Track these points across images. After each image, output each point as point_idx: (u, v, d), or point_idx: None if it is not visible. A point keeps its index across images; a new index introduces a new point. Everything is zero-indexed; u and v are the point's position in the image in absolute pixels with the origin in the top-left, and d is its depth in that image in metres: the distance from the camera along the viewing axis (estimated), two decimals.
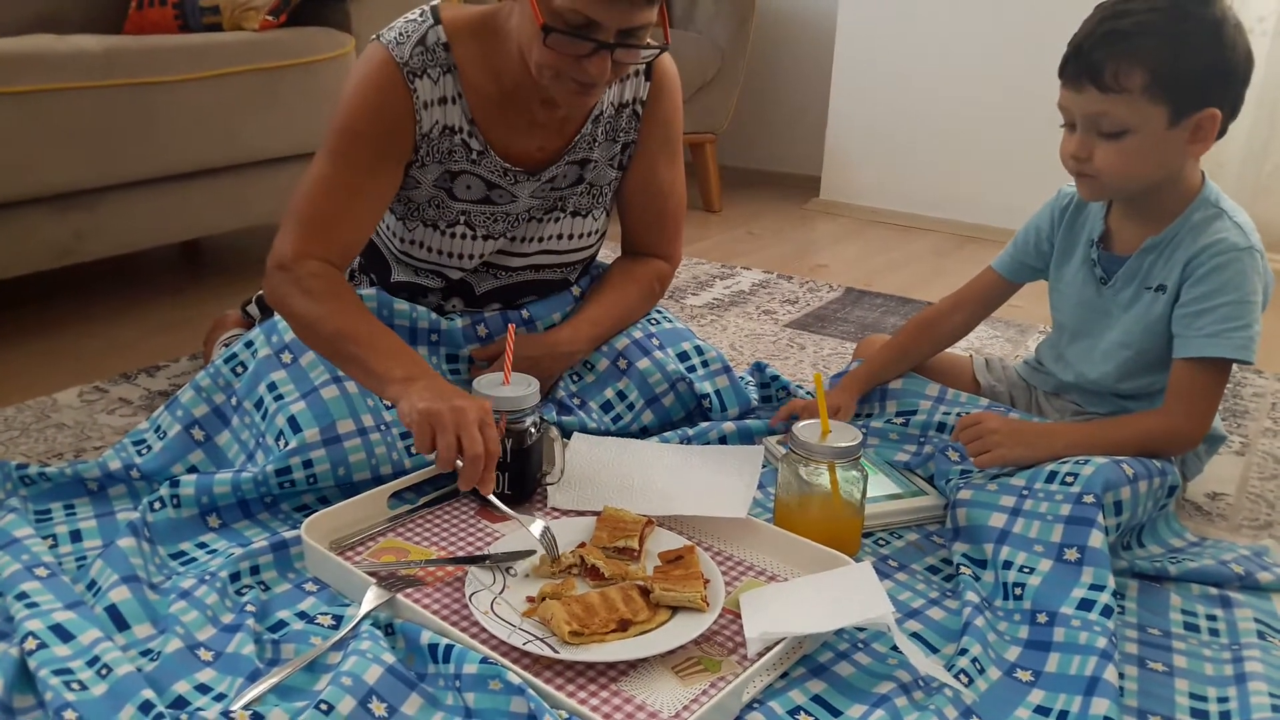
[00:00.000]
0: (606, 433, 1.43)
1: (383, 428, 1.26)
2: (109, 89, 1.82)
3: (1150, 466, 1.19)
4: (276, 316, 1.33)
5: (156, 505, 1.16)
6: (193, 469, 1.27)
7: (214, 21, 2.16)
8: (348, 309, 1.25)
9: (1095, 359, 1.36)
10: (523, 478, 1.24)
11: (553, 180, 1.41)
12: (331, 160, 1.29)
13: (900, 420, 1.45)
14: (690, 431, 1.42)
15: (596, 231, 1.49)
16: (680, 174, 1.52)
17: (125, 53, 1.86)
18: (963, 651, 1.00)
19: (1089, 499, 1.12)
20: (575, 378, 1.46)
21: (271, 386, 1.26)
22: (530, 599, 1.05)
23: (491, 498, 1.12)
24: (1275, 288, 1.29)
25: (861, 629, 1.05)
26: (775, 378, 1.58)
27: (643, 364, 1.45)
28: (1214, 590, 1.17)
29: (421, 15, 1.32)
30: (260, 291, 1.52)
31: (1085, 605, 1.04)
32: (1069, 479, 1.15)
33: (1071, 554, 1.10)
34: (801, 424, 1.20)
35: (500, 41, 1.30)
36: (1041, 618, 1.05)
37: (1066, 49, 1.20)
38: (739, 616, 1.03)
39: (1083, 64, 1.17)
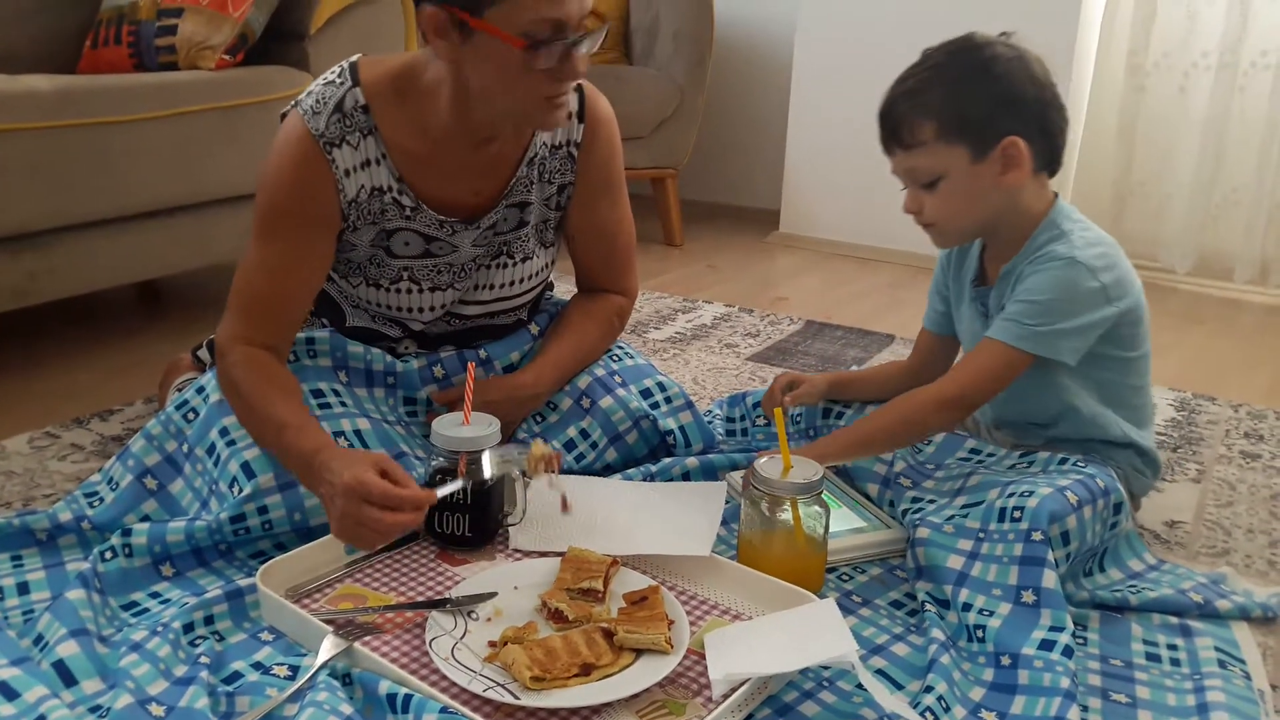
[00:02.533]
0: (569, 472, 1.42)
1: None
2: (62, 129, 1.80)
3: (1092, 487, 1.20)
4: None
5: (108, 555, 1.13)
6: (146, 518, 1.25)
7: (170, 60, 2.14)
8: (269, 395, 1.21)
9: (1006, 394, 1.37)
10: (484, 519, 1.23)
11: (494, 226, 1.39)
12: (259, 242, 1.28)
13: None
14: (653, 468, 1.42)
15: (545, 267, 1.49)
16: (625, 210, 1.51)
17: (79, 92, 1.84)
18: (928, 689, 0.99)
19: (1037, 536, 1.13)
20: (539, 418, 1.45)
21: (224, 432, 1.24)
22: (492, 644, 1.03)
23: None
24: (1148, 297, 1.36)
25: (826, 667, 1.04)
26: (756, 404, 1.58)
27: (605, 402, 1.44)
28: (1174, 620, 1.18)
29: (340, 76, 1.29)
30: (211, 336, 1.50)
31: (1046, 646, 1.05)
32: (1016, 514, 1.16)
33: (1028, 596, 1.10)
34: (763, 460, 1.20)
35: (422, 94, 1.28)
36: (1005, 660, 1.05)
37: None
38: (704, 657, 1.02)
39: (886, 131, 1.29)
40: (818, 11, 3.14)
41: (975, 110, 1.24)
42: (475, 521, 1.22)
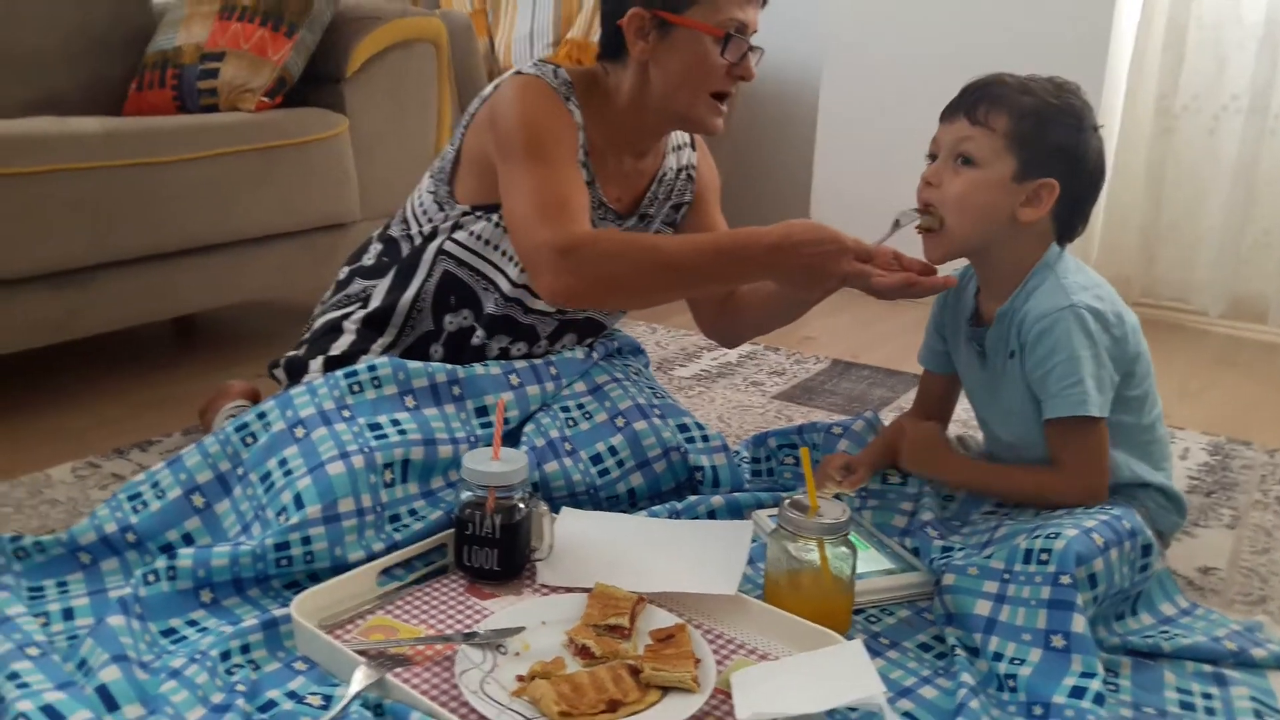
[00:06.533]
0: (592, 486, 1.44)
1: (378, 509, 1.27)
2: (109, 169, 1.85)
3: (1119, 530, 1.19)
4: (292, 390, 1.34)
5: (150, 578, 1.15)
6: (187, 536, 1.27)
7: (211, 103, 2.21)
8: (660, 239, 1.41)
9: (1000, 428, 1.42)
10: (512, 554, 1.24)
11: (627, 230, 1.56)
12: (533, 165, 1.38)
13: (897, 479, 1.47)
14: (679, 505, 1.42)
15: None
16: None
17: (125, 134, 1.90)
18: None
19: (1065, 579, 1.12)
20: (571, 423, 1.47)
21: (283, 462, 1.26)
22: (520, 678, 1.04)
23: None
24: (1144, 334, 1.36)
25: (853, 709, 1.04)
26: (780, 445, 1.59)
27: (640, 425, 1.47)
28: (1208, 667, 1.16)
29: (538, 64, 1.47)
30: (290, 353, 1.54)
31: (1077, 693, 1.04)
32: (1044, 556, 1.15)
33: (1058, 640, 1.10)
34: (789, 500, 1.20)
35: (604, 95, 1.48)
36: (1037, 709, 1.04)
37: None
38: (730, 697, 1.02)
39: (964, 100, 1.31)
40: (844, 53, 3.16)
41: (1047, 139, 1.27)
42: (504, 556, 1.24)
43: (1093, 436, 1.28)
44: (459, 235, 1.50)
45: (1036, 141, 1.27)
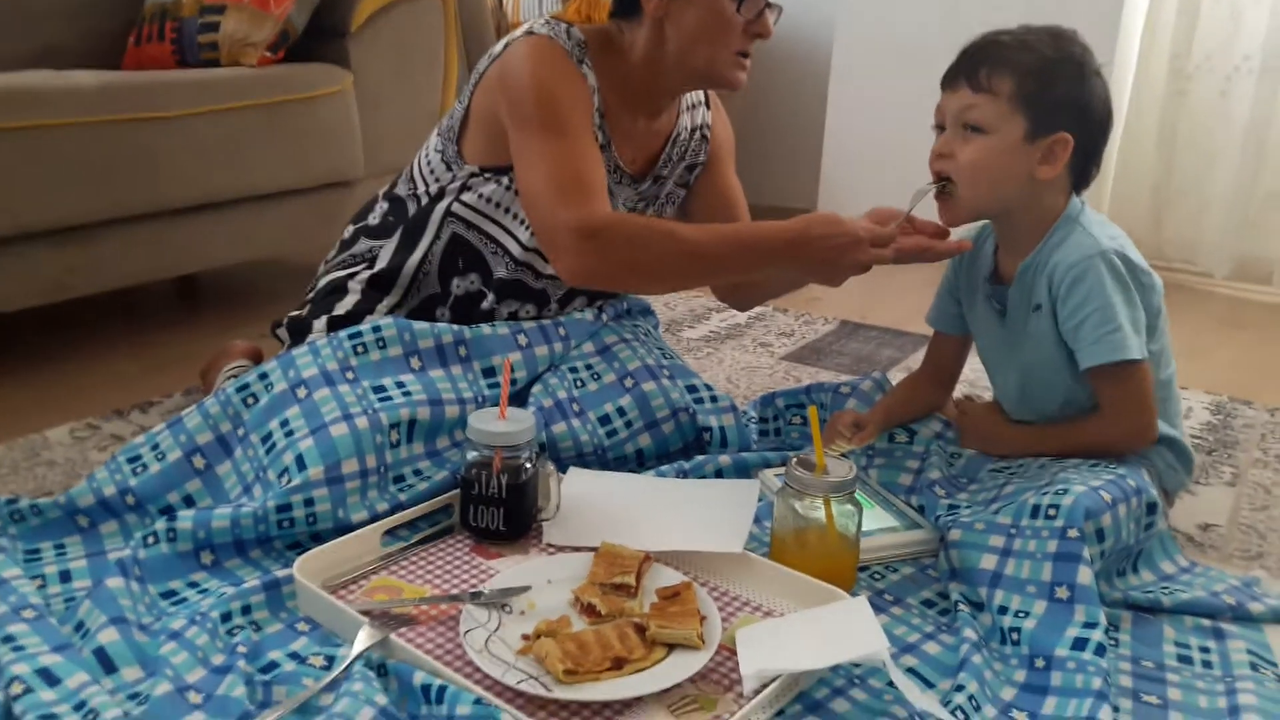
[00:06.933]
0: (600, 447, 1.43)
1: (382, 469, 1.26)
2: (106, 124, 1.83)
3: (1125, 488, 1.19)
4: (294, 350, 1.33)
5: (150, 540, 1.15)
6: (187, 498, 1.27)
7: (212, 57, 2.18)
8: (681, 226, 1.37)
9: (1012, 384, 1.41)
10: (518, 514, 1.24)
11: (641, 192, 1.55)
12: (549, 137, 1.35)
13: (904, 437, 1.46)
14: (686, 465, 1.42)
15: None
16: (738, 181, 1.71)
17: (122, 88, 1.88)
18: (959, 688, 0.99)
19: (1073, 533, 1.13)
20: (579, 384, 1.47)
21: (284, 423, 1.25)
22: (525, 637, 1.04)
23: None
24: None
25: (857, 664, 1.04)
26: (788, 405, 1.59)
27: (648, 386, 1.47)
28: (1206, 622, 1.17)
29: (550, 22, 1.43)
30: (293, 312, 1.53)
31: (1079, 644, 1.04)
32: (1051, 511, 1.15)
33: (1062, 592, 1.10)
34: (796, 458, 1.20)
35: (618, 54, 1.45)
36: (1039, 662, 1.05)
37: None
38: (735, 653, 1.02)
39: (963, 65, 1.29)
40: (857, 10, 3.13)
41: (1053, 94, 1.25)
42: (510, 515, 1.23)
43: (1136, 378, 1.28)
44: (467, 197, 1.48)
45: (1043, 99, 1.25)
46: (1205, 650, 1.13)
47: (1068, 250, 1.29)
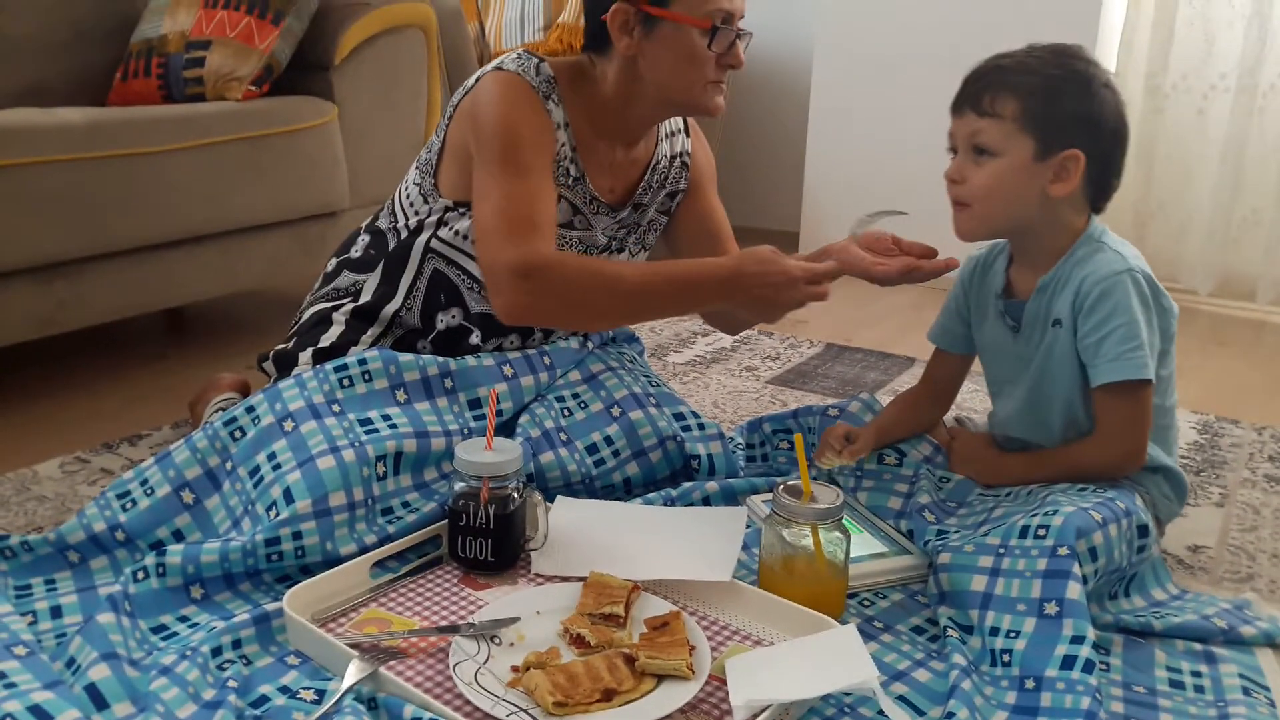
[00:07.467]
0: (587, 476, 1.44)
1: (370, 501, 1.26)
2: (93, 160, 1.84)
3: (1115, 509, 1.20)
4: (280, 384, 1.33)
5: (140, 575, 1.15)
6: (177, 533, 1.26)
7: (197, 92, 2.19)
8: (620, 266, 1.40)
9: (1023, 404, 1.40)
10: (506, 544, 1.24)
11: (621, 220, 1.56)
12: (511, 177, 1.37)
13: (893, 459, 1.47)
14: (674, 492, 1.42)
15: None
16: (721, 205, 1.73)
17: (109, 124, 1.88)
18: (949, 715, 0.99)
19: (1063, 551, 1.13)
20: (566, 413, 1.47)
21: (271, 456, 1.26)
22: (515, 668, 1.04)
23: None
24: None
25: (847, 693, 1.05)
26: (775, 430, 1.59)
27: (635, 415, 1.47)
28: (1198, 646, 1.18)
29: (520, 57, 1.45)
30: (279, 345, 1.53)
31: (1068, 663, 1.05)
32: (1041, 531, 1.16)
33: (1051, 608, 1.10)
34: (783, 485, 1.20)
35: (591, 87, 1.47)
36: (1029, 684, 1.05)
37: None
38: (725, 683, 1.02)
39: (968, 91, 1.31)
40: (836, 33, 3.15)
41: (1060, 112, 1.26)
42: (498, 546, 1.23)
43: (1143, 400, 1.29)
44: (443, 233, 1.49)
45: (1049, 117, 1.26)
46: (1197, 674, 1.13)
47: (1095, 265, 1.29)
